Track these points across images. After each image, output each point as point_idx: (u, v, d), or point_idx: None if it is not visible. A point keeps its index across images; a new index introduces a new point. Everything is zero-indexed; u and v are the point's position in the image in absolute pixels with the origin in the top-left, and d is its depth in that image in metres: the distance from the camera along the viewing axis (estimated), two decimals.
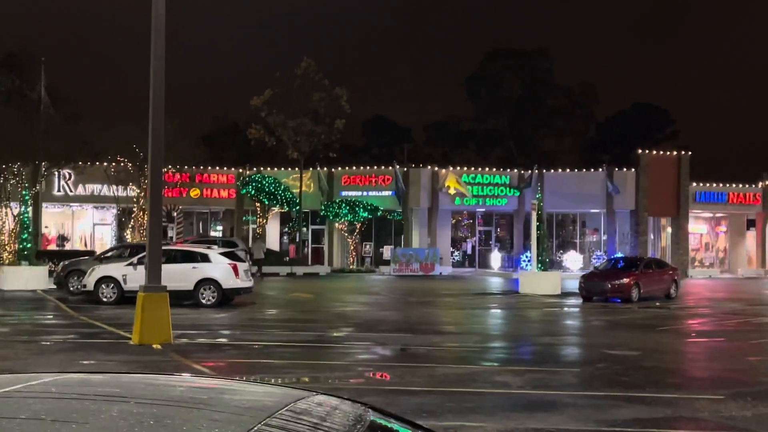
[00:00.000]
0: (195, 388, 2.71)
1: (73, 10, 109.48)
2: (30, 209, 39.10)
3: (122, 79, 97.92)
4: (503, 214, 53.03)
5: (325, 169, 49.62)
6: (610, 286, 30.07)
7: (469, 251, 53.43)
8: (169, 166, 43.38)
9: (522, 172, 50.96)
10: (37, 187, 43.37)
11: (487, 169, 51.65)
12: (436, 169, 50.30)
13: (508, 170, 51.66)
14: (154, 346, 15.97)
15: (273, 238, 51.13)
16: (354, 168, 50.53)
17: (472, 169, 51.25)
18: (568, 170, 51.77)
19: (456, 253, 53.07)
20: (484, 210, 51.87)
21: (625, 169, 50.72)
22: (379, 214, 48.51)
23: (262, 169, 49.29)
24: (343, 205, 47.54)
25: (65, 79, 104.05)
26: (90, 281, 26.33)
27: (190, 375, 3.23)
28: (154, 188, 17.06)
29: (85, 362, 14.19)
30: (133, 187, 43.55)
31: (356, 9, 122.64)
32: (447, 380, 12.97)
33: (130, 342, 16.49)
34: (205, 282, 25.70)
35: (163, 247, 27.55)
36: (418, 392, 11.87)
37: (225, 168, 50.40)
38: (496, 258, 50.96)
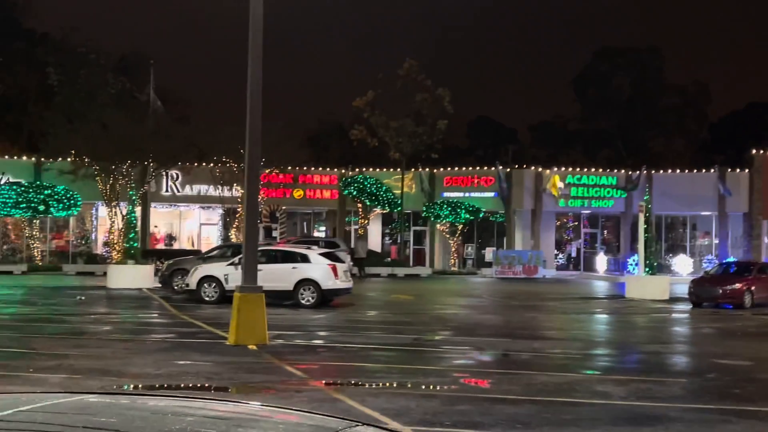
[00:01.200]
0: (209, 418, 2.40)
1: (185, 14, 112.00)
2: (138, 209, 39.99)
3: (230, 81, 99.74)
4: (609, 216, 51.75)
5: (427, 169, 49.31)
6: (721, 291, 28.86)
7: (573, 254, 52.31)
8: (273, 167, 43.82)
9: (629, 173, 49.64)
10: (146, 188, 44.34)
11: (593, 169, 50.48)
12: (540, 169, 49.42)
13: (615, 171, 50.39)
14: (250, 346, 15.89)
15: (375, 239, 51.08)
16: (456, 169, 50.08)
17: (577, 169, 50.18)
18: (678, 171, 50.19)
19: (560, 255, 52.02)
20: (589, 212, 50.70)
21: (738, 170, 48.86)
22: (481, 215, 47.90)
23: (364, 169, 49.30)
24: (445, 206, 47.10)
25: (176, 81, 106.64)
26: (192, 280, 26.59)
27: (219, 401, 2.93)
28: (251, 189, 17.03)
29: (180, 362, 14.19)
30: (238, 188, 44.05)
31: (461, 8, 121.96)
32: (545, 389, 12.46)
33: (226, 342, 16.45)
34: (305, 282, 25.62)
35: (264, 247, 27.84)
36: (513, 401, 11.42)
37: (328, 169, 50.61)
38: (601, 261, 49.72)
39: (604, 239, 52.56)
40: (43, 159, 45.10)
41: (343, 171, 49.68)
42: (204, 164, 45.22)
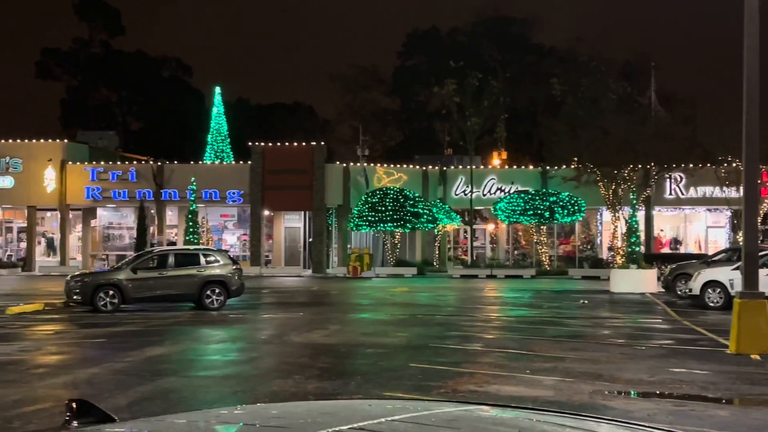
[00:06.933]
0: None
1: (687, 10, 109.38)
2: (641, 213, 39.78)
3: (738, 77, 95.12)
4: None
5: None
6: None
7: None
8: None
9: None
10: (648, 191, 43.92)
11: None
12: None
13: None
14: (752, 356, 14.93)
15: None
16: None
17: None
18: None
19: None
20: None
21: None
22: None
23: None
24: None
25: (680, 82, 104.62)
26: (695, 285, 25.77)
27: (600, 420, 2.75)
28: (749, 189, 16.02)
29: (675, 369, 13.78)
30: None
31: None
32: None
33: (726, 351, 15.64)
34: None
35: None
36: None
37: None
38: None
39: None
40: (548, 167, 46.86)
41: None
42: (708, 165, 43.51)
